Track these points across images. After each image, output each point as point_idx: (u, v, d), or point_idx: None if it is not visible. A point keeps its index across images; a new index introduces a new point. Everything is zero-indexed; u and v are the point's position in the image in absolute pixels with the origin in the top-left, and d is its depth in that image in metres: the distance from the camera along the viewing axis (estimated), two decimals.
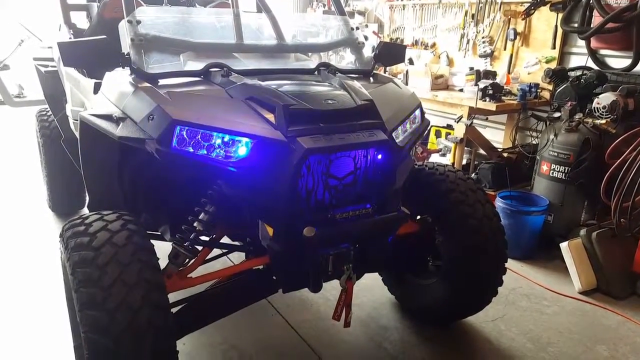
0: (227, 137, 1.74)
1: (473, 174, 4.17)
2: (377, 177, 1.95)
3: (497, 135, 4.62)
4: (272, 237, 1.81)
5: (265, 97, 1.83)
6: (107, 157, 2.01)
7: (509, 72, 4.37)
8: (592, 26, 3.67)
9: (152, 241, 1.82)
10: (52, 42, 3.69)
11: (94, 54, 1.84)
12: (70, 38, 3.20)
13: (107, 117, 1.86)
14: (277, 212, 1.78)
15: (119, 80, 2.00)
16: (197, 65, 2.07)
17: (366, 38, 2.59)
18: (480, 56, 4.59)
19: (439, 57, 5.02)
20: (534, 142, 4.05)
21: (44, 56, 3.77)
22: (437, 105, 4.33)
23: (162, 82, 1.93)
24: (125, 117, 1.81)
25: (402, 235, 2.31)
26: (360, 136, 1.85)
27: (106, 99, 2.02)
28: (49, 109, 3.64)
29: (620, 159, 3.08)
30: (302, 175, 1.76)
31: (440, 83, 4.54)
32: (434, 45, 5.08)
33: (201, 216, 1.94)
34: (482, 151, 4.47)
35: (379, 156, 1.93)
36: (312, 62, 2.55)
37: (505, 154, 4.25)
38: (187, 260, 1.96)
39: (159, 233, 2.31)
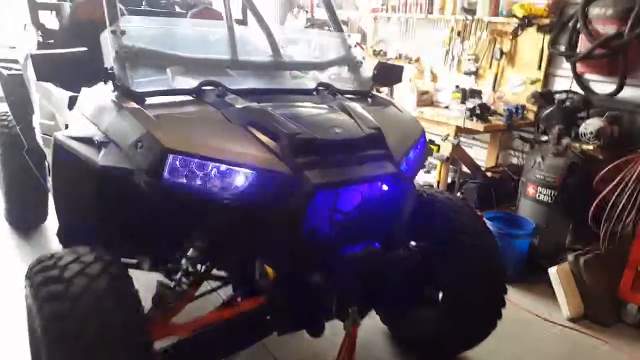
0: (224, 167, 1.57)
1: (458, 193, 4.12)
2: (385, 210, 1.82)
3: (480, 154, 4.60)
4: (273, 279, 1.65)
5: (268, 124, 1.67)
6: (84, 184, 1.77)
7: (494, 91, 4.35)
8: (577, 49, 3.70)
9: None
10: (16, 42, 3.39)
11: (72, 69, 1.63)
12: (39, 40, 2.92)
13: (87, 141, 1.65)
14: (279, 252, 1.62)
15: (99, 96, 1.79)
16: (187, 82, 1.89)
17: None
18: (465, 73, 4.56)
19: (423, 72, 4.97)
20: (518, 162, 4.04)
21: (4, 57, 3.45)
22: (423, 122, 4.23)
23: (149, 100, 1.74)
24: (107, 142, 1.61)
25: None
26: (369, 168, 1.72)
27: (84, 118, 1.80)
28: (9, 112, 3.33)
29: (612, 184, 3.07)
30: (308, 212, 1.61)
31: (425, 99, 4.48)
32: (418, 59, 5.02)
33: (190, 252, 1.76)
34: (465, 169, 4.42)
35: (387, 188, 1.81)
36: (308, 79, 2.40)
37: (489, 174, 4.23)
38: (172, 302, 1.76)
39: (135, 261, 2.09)
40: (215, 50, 2.08)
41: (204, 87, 1.85)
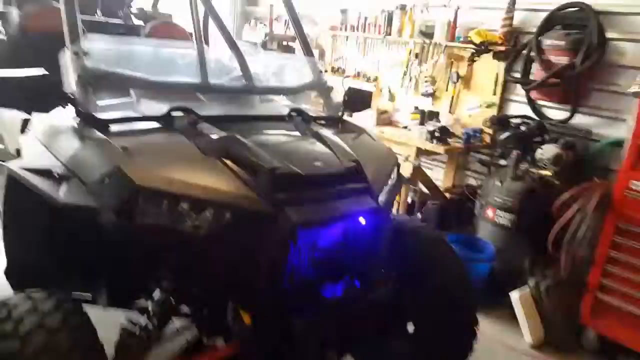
0: (199, 205, 1.45)
1: (418, 214, 4.15)
2: (365, 245, 1.75)
3: (437, 174, 4.67)
4: (250, 325, 1.54)
5: (245, 156, 1.57)
6: (40, 219, 1.58)
7: (450, 113, 4.44)
8: (531, 77, 3.84)
9: None
10: None
11: (30, 93, 1.46)
12: None
13: (45, 173, 1.48)
14: (258, 294, 1.51)
15: (58, 122, 1.62)
16: (154, 107, 1.75)
17: None
18: (422, 95, 4.62)
19: (381, 91, 5.00)
20: (475, 182, 4.13)
21: None
22: (383, 141, 4.25)
23: (115, 127, 1.60)
24: (69, 176, 1.45)
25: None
26: (350, 203, 1.66)
27: (41, 145, 1.62)
28: None
29: (571, 211, 3.13)
30: (289, 252, 1.52)
31: (384, 118, 4.51)
32: (376, 79, 5.05)
33: (156, 294, 1.61)
34: (423, 189, 4.47)
35: (366, 223, 1.75)
36: (277, 103, 2.32)
37: (448, 195, 4.29)
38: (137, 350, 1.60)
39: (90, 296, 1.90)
40: (184, 72, 1.96)
41: (173, 114, 1.73)
